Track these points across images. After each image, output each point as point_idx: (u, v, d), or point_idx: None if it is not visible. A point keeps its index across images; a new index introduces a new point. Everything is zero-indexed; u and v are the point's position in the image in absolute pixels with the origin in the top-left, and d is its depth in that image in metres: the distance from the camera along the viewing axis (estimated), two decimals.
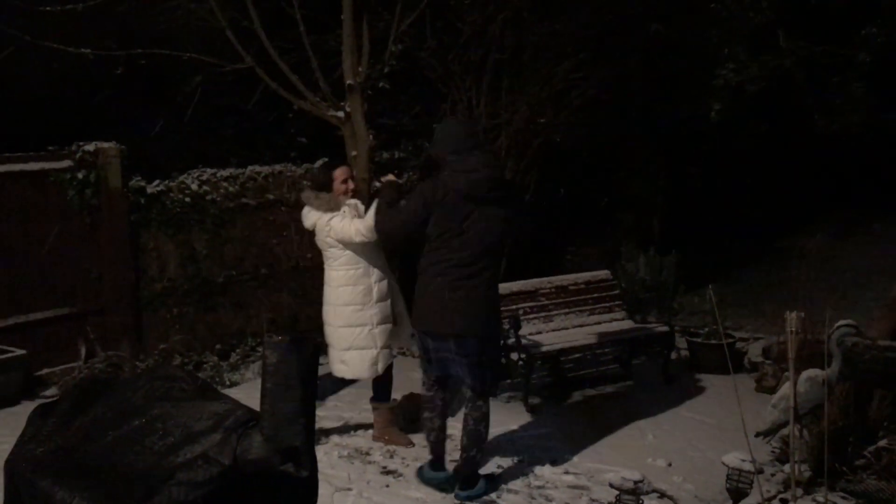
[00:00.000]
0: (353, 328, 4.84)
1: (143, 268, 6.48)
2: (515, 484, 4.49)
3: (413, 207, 4.24)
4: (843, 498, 3.96)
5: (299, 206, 7.32)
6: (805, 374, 4.11)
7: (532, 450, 4.95)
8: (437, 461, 4.51)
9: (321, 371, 2.61)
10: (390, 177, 4.69)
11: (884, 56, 7.47)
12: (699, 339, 6.78)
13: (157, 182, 6.58)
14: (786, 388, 4.22)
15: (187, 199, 6.67)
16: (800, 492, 4.02)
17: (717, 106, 7.80)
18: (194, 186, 6.74)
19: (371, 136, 7.35)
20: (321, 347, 2.25)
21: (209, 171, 6.92)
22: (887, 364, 5.54)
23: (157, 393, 2.42)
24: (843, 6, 8.08)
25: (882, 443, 4.21)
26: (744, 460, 3.69)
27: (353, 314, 4.82)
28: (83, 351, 6.15)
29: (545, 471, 4.64)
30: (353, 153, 7.32)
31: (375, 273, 4.85)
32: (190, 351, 6.65)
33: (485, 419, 4.33)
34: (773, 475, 4.47)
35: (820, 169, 11.90)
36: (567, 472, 4.62)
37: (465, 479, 4.34)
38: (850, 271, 10.61)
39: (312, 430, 2.18)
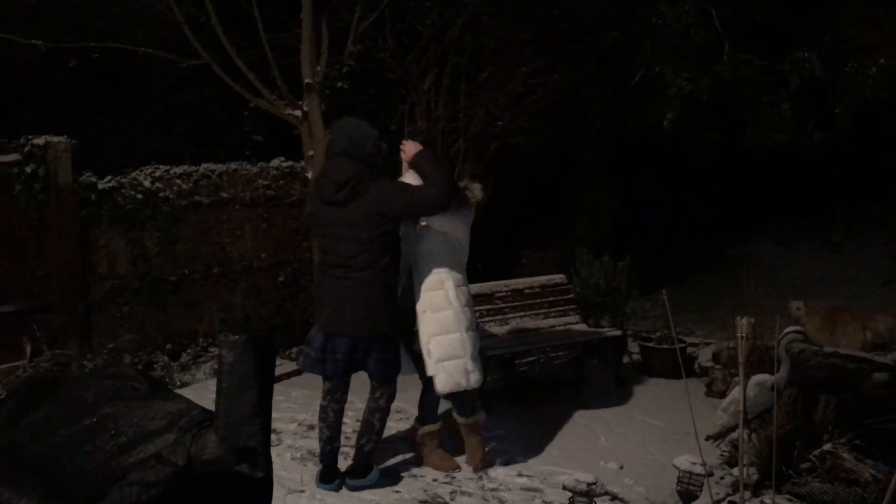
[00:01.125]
0: None
1: (92, 265, 6.34)
2: (469, 486, 4.50)
3: (307, 211, 4.52)
4: (788, 500, 4.05)
5: (254, 204, 7.33)
6: (754, 378, 4.20)
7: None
8: (326, 471, 4.47)
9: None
10: None
11: (814, 80, 7.75)
12: (651, 344, 6.87)
13: (108, 178, 6.46)
14: (735, 393, 4.31)
15: (139, 196, 6.56)
16: (748, 494, 4.09)
17: (670, 115, 7.93)
18: (147, 183, 6.62)
19: (328, 136, 7.31)
20: (277, 345, 2.22)
21: (162, 167, 6.81)
22: (831, 370, 5.70)
23: (109, 392, 2.36)
24: (783, 28, 8.35)
25: (827, 447, 4.31)
26: (694, 463, 3.75)
27: None
28: (28, 349, 5.99)
29: (498, 472, 4.66)
30: (310, 153, 7.29)
31: None
32: (140, 350, 6.53)
33: (380, 412, 4.45)
34: (722, 478, 4.55)
35: (765, 179, 12.19)
36: (520, 475, 4.64)
37: (356, 468, 4.45)
38: (796, 279, 10.90)
39: (268, 430, 2.15)
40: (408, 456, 4.90)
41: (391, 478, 4.57)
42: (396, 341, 4.46)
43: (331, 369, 4.37)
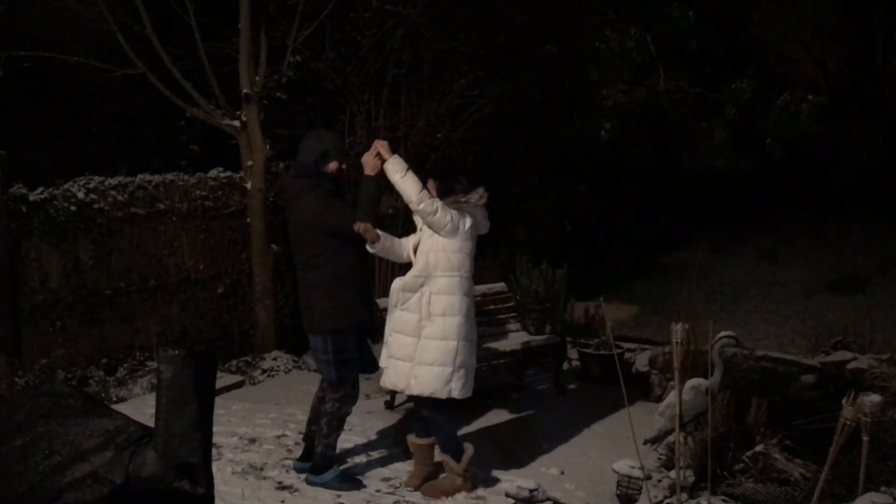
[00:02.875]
0: None
1: (23, 279, 6.16)
2: (412, 496, 4.51)
3: None
4: (724, 501, 4.16)
5: (191, 216, 7.22)
6: (689, 383, 4.31)
7: None
8: (304, 452, 4.82)
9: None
10: None
11: (748, 110, 8.05)
12: (589, 350, 6.98)
13: (40, 189, 6.28)
14: (671, 397, 4.42)
15: (73, 208, 6.39)
16: (684, 496, 4.20)
17: (608, 125, 8.11)
18: (80, 195, 6.46)
19: (268, 146, 7.27)
20: (218, 359, 2.21)
21: (97, 178, 6.64)
22: (762, 373, 5.88)
23: (42, 410, 2.32)
24: (720, 52, 8.65)
25: (759, 447, 4.45)
26: (633, 467, 3.83)
27: None
28: None
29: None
30: (249, 163, 7.24)
31: None
32: (73, 366, 6.36)
33: (325, 416, 4.57)
34: (659, 481, 4.65)
35: (698, 188, 12.53)
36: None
37: (314, 466, 4.63)
38: (726, 285, 11.20)
39: (209, 445, 2.14)
40: (350, 463, 4.89)
41: (335, 490, 4.55)
42: (338, 344, 4.51)
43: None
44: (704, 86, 8.14)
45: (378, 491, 4.55)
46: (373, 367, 4.81)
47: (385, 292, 7.83)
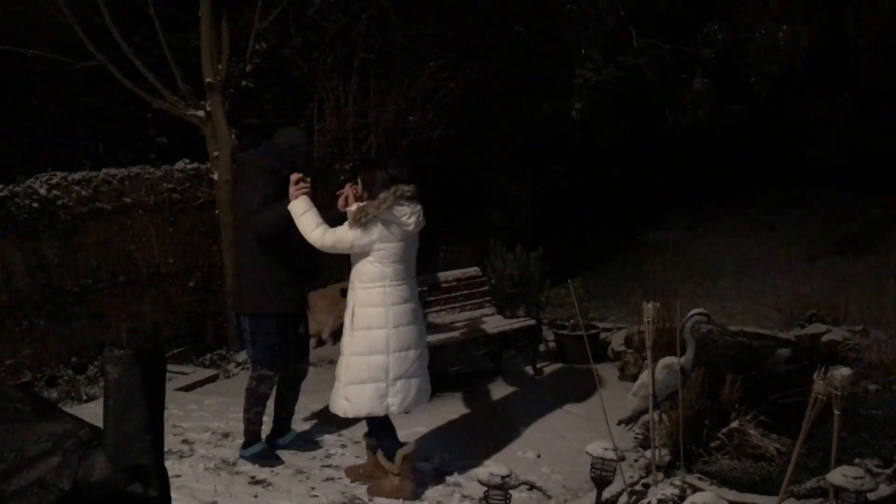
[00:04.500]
0: None
1: None
2: None
3: None
4: (699, 479, 4.14)
5: (159, 209, 7.11)
6: (662, 361, 4.29)
7: None
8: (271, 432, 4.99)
9: None
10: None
11: (725, 53, 7.98)
12: (565, 332, 6.96)
13: (1, 187, 6.15)
14: (644, 377, 4.40)
15: (35, 205, 6.26)
16: (660, 476, 4.19)
17: (579, 105, 8.06)
18: (43, 191, 6.33)
19: (234, 136, 7.17)
20: (165, 357, 2.15)
21: (59, 174, 6.52)
22: (738, 348, 5.88)
23: None
24: (687, 8, 8.59)
25: (734, 424, 4.45)
26: (606, 449, 3.81)
27: None
28: None
29: (417, 469, 4.63)
30: (215, 153, 7.13)
31: None
32: (42, 365, 6.26)
33: (246, 392, 4.74)
34: (636, 461, 4.63)
35: (673, 165, 12.54)
36: (439, 470, 4.64)
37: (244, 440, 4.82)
38: (702, 262, 11.22)
39: (161, 446, 2.07)
40: (323, 457, 4.84)
41: (309, 481, 4.50)
42: (257, 326, 4.63)
43: None
44: (677, 42, 8.10)
45: (354, 482, 4.50)
46: (302, 359, 4.89)
47: None
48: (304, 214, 4.24)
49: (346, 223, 4.22)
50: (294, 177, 4.32)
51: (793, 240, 11.53)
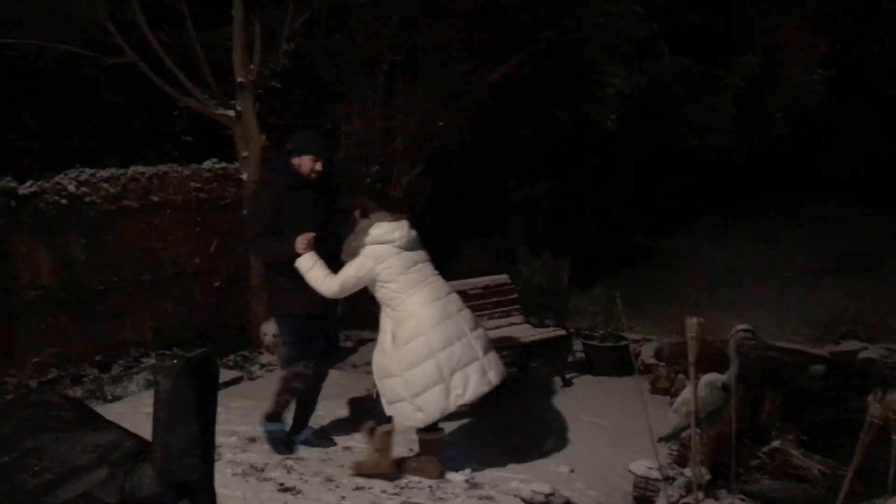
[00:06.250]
0: None
1: (12, 275, 5.99)
2: (419, 496, 4.36)
3: None
4: (741, 500, 4.04)
5: (185, 208, 7.05)
6: (704, 378, 4.18)
7: None
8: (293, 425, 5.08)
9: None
10: None
11: (755, 84, 7.91)
12: (594, 342, 6.85)
13: (29, 183, 6.11)
14: (685, 393, 4.28)
15: (63, 202, 6.22)
16: (701, 495, 4.08)
17: (614, 115, 7.94)
18: (71, 188, 6.29)
19: (263, 136, 7.11)
20: (218, 366, 2.07)
21: (88, 171, 6.48)
22: (769, 363, 5.76)
23: (31, 422, 2.15)
24: (719, 32, 8.50)
25: (775, 443, 4.34)
26: (650, 468, 3.70)
27: None
28: None
29: (448, 480, 4.54)
30: (244, 153, 7.07)
31: None
32: (67, 363, 6.21)
33: (280, 380, 4.88)
34: (673, 478, 4.51)
35: (694, 175, 12.39)
36: (470, 482, 4.53)
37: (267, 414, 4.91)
38: (723, 272, 11.07)
39: (211, 461, 1.98)
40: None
41: (339, 489, 4.41)
42: (283, 327, 4.83)
43: None
44: (707, 63, 8.01)
45: (384, 492, 4.40)
46: (325, 362, 4.99)
47: None
48: (310, 271, 4.47)
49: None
50: (300, 239, 4.46)
51: (817, 250, 11.37)
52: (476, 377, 4.39)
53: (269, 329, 6.46)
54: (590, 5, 8.36)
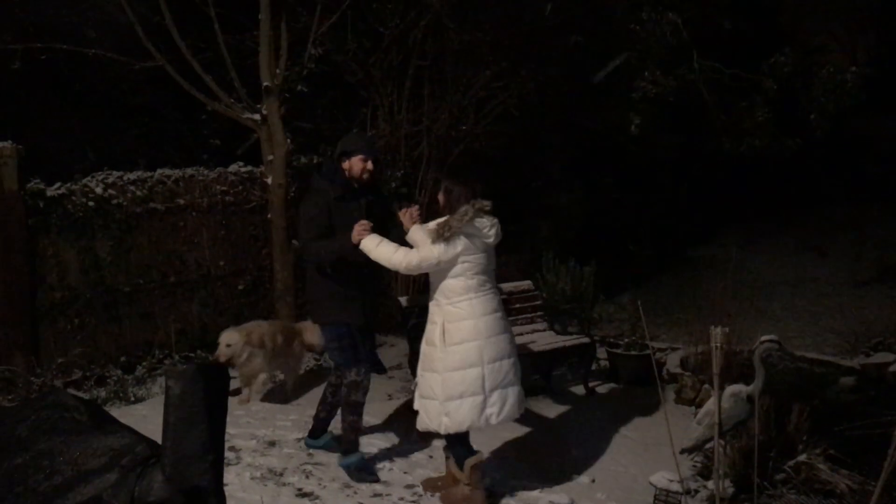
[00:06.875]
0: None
1: (40, 275, 6.06)
2: (437, 503, 4.33)
3: None
4: None
5: (211, 211, 7.09)
6: (729, 389, 4.10)
7: None
8: (311, 431, 5.06)
9: None
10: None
11: (788, 85, 7.75)
12: (619, 350, 6.76)
13: (58, 185, 6.18)
14: (709, 404, 4.20)
15: (91, 204, 6.29)
16: None
17: (638, 120, 7.84)
18: (99, 190, 6.36)
19: (289, 140, 7.13)
20: (229, 373, 2.05)
21: (115, 173, 6.54)
22: (798, 375, 5.65)
23: (45, 424, 2.16)
24: (752, 36, 8.34)
25: (802, 457, 4.23)
26: (671, 480, 3.63)
27: None
28: None
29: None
30: (270, 157, 7.09)
31: None
32: (92, 364, 6.26)
33: (343, 401, 4.64)
34: (697, 491, 4.43)
35: (727, 181, 12.22)
36: (491, 491, 4.48)
37: (343, 448, 4.72)
38: (755, 281, 10.87)
39: (221, 467, 1.97)
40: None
41: (357, 496, 4.39)
42: (328, 335, 4.66)
43: None
44: (740, 67, 7.87)
45: (402, 499, 4.38)
46: (376, 368, 5.00)
47: (407, 290, 7.68)
48: (377, 248, 4.28)
49: (418, 241, 4.22)
50: (356, 227, 4.32)
51: (851, 261, 11.11)
52: (513, 401, 4.26)
53: (226, 339, 5.85)
54: (621, 10, 8.27)
